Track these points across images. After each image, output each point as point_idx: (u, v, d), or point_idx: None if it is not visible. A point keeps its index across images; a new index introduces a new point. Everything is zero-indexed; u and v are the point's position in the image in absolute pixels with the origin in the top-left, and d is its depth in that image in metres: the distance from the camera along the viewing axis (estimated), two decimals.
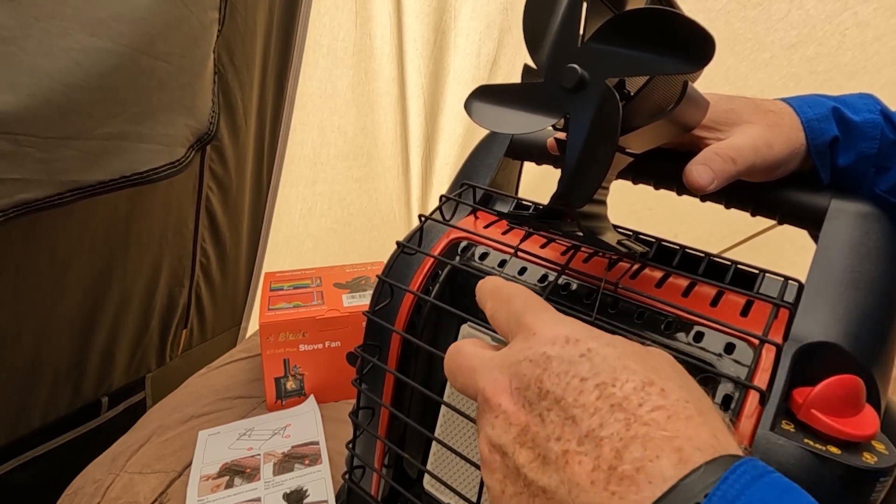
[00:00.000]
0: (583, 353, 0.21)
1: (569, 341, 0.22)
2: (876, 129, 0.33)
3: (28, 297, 0.66)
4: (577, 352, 0.21)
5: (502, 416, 0.22)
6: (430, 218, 0.40)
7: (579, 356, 0.21)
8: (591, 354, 0.21)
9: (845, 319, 0.27)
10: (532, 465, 0.20)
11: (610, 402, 0.19)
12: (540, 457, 0.20)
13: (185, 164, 0.74)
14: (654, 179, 0.38)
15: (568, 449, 0.19)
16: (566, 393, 0.20)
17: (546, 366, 0.21)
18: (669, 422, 0.18)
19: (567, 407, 0.20)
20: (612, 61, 0.26)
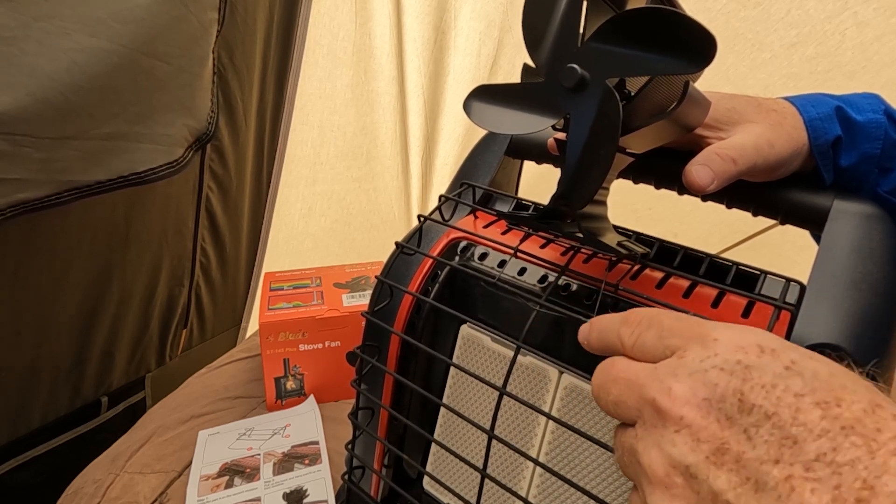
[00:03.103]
0: (787, 365, 0.19)
1: (764, 351, 0.19)
2: (879, 129, 0.33)
3: (28, 296, 0.66)
4: (779, 364, 0.19)
5: (686, 430, 0.19)
6: (429, 218, 0.40)
7: (784, 368, 0.18)
8: (797, 367, 0.18)
9: (847, 321, 0.27)
10: (738, 492, 0.17)
11: (839, 423, 0.17)
12: (750, 481, 0.17)
13: (184, 165, 0.74)
14: (655, 179, 0.38)
15: (792, 474, 0.17)
16: (780, 408, 0.18)
17: (745, 375, 0.19)
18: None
19: (783, 425, 0.17)
20: (612, 61, 0.26)
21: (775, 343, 0.20)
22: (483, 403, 0.37)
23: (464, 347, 0.38)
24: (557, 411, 0.33)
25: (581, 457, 0.33)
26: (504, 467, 0.37)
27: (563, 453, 0.33)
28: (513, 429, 0.36)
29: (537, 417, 0.35)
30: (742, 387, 0.19)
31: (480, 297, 0.38)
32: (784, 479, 0.17)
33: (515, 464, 0.36)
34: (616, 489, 0.31)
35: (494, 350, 0.36)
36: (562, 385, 0.33)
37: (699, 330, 0.21)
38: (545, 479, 0.35)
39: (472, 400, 0.38)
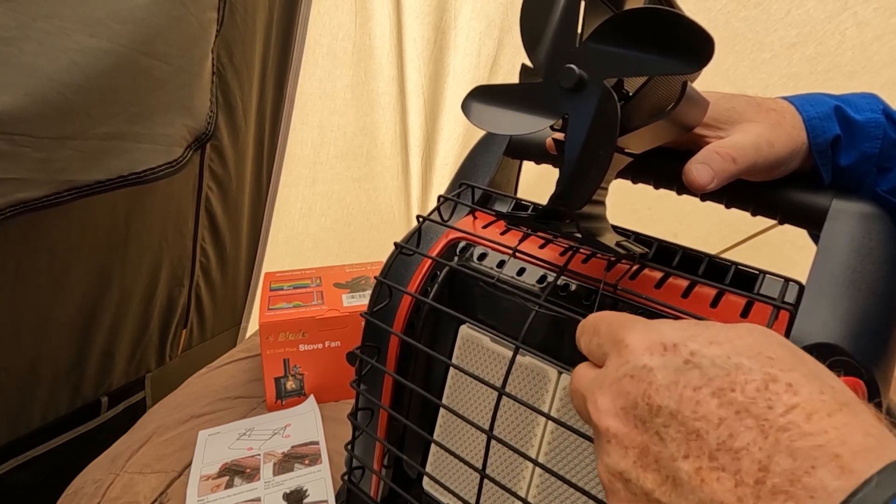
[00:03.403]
0: (686, 358, 0.20)
1: (667, 348, 0.20)
2: (878, 128, 0.33)
3: (27, 296, 0.66)
4: (679, 359, 0.20)
5: (614, 440, 0.20)
6: (428, 218, 0.40)
7: (683, 363, 0.19)
8: (695, 359, 0.19)
9: (846, 320, 0.27)
10: (663, 490, 0.18)
11: (734, 408, 0.18)
12: (669, 479, 0.18)
13: (183, 164, 0.74)
14: (654, 179, 0.38)
15: (701, 466, 0.18)
16: (681, 405, 0.19)
17: (650, 379, 0.20)
18: (811, 422, 0.17)
19: (686, 421, 0.18)
20: (610, 61, 0.26)
21: (678, 336, 0.21)
22: (482, 404, 0.37)
23: (463, 348, 0.38)
24: (557, 411, 0.33)
25: (580, 457, 0.33)
26: (503, 467, 0.37)
27: (562, 453, 0.33)
28: (512, 429, 0.36)
29: (537, 418, 0.35)
30: (648, 390, 0.20)
31: (479, 298, 0.38)
32: (694, 472, 0.18)
33: (515, 464, 0.36)
34: None
35: (494, 350, 0.36)
36: (561, 385, 0.33)
37: (617, 336, 0.22)
38: (544, 479, 0.35)
39: (472, 400, 0.38)
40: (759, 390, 0.18)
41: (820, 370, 0.19)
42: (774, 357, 0.19)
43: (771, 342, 0.20)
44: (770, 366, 0.18)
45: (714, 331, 0.20)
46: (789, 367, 0.18)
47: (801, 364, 0.19)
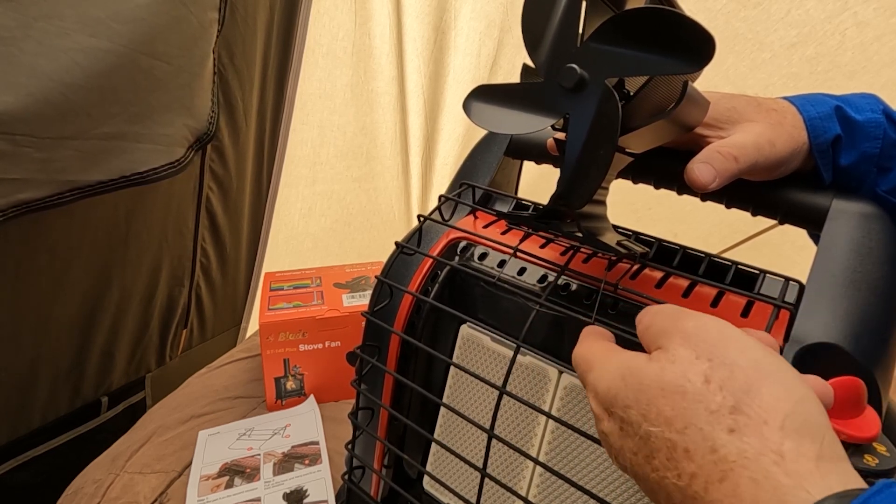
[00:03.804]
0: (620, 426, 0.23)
1: (608, 413, 0.23)
2: (878, 128, 0.33)
3: (28, 296, 0.66)
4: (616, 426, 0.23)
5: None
6: (428, 218, 0.40)
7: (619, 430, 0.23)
8: (625, 427, 0.22)
9: (846, 320, 0.27)
10: None
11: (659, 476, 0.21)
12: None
13: (185, 164, 0.74)
14: (655, 179, 0.38)
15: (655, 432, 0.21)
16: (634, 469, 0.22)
17: (609, 442, 0.23)
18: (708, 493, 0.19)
19: (641, 480, 0.22)
20: (611, 61, 0.26)
21: (609, 399, 0.23)
22: (483, 403, 0.37)
23: (464, 347, 0.38)
24: (557, 411, 0.33)
25: (581, 456, 0.33)
26: (504, 467, 0.37)
27: (562, 453, 0.33)
28: (513, 428, 0.36)
29: (537, 417, 0.35)
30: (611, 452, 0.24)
31: (480, 297, 0.38)
32: None
33: (515, 463, 0.36)
34: (616, 488, 0.31)
35: (494, 350, 0.36)
36: (561, 384, 0.33)
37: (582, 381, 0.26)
38: (545, 478, 0.35)
39: (472, 399, 0.38)
40: (669, 458, 0.20)
41: (715, 419, 0.20)
42: (671, 414, 0.21)
43: (674, 388, 0.21)
44: (668, 430, 0.20)
45: (629, 387, 0.22)
46: (683, 425, 0.20)
47: (695, 417, 0.20)
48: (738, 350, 0.21)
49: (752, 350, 0.21)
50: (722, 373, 0.20)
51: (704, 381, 0.20)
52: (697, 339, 0.22)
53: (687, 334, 0.22)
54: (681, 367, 0.21)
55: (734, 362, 0.21)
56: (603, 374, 0.24)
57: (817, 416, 0.19)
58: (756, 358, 0.21)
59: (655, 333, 0.24)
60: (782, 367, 0.21)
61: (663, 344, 0.23)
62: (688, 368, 0.21)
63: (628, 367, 0.23)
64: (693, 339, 0.22)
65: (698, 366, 0.21)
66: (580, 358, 0.26)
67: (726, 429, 0.19)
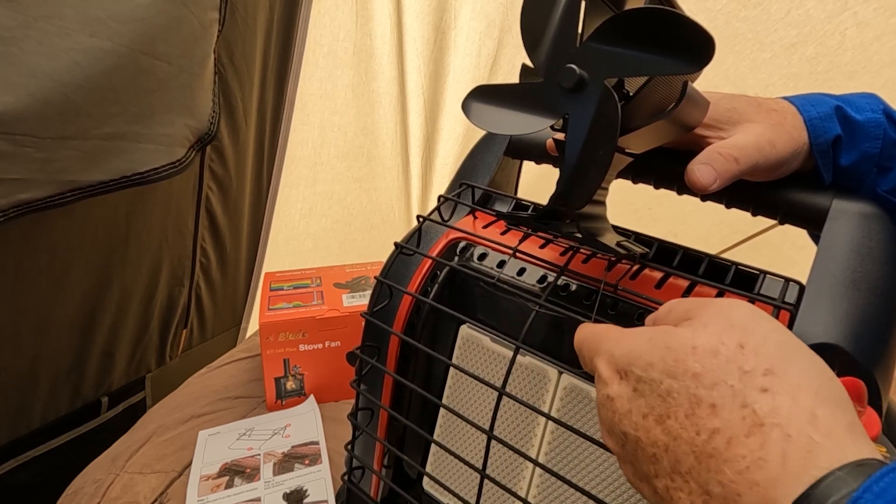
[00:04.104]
0: (634, 386, 0.22)
1: (621, 375, 0.23)
2: (879, 128, 0.33)
3: (28, 296, 0.66)
4: (629, 387, 0.22)
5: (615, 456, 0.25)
6: (428, 218, 0.40)
7: (633, 391, 0.22)
8: (640, 386, 0.22)
9: (846, 321, 0.27)
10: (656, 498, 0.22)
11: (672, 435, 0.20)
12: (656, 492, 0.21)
13: (185, 165, 0.74)
14: (655, 179, 0.38)
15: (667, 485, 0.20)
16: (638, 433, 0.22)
17: (613, 408, 0.23)
18: (730, 448, 0.18)
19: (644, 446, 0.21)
20: (611, 61, 0.26)
21: (625, 360, 0.23)
22: (483, 404, 0.37)
23: (463, 348, 0.38)
24: (557, 412, 0.33)
25: (580, 457, 0.33)
26: (504, 468, 0.37)
27: (562, 453, 0.33)
28: (512, 429, 0.36)
29: (537, 418, 0.35)
30: (614, 419, 0.23)
31: (480, 298, 0.38)
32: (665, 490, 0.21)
33: (515, 464, 0.36)
34: (616, 489, 0.31)
35: (494, 350, 0.36)
36: (561, 385, 0.33)
37: (592, 363, 0.25)
38: (545, 479, 0.35)
39: (472, 400, 0.38)
40: (688, 416, 0.20)
41: (748, 378, 0.20)
42: (701, 371, 0.20)
43: (706, 349, 0.21)
44: (695, 385, 0.20)
45: (655, 347, 0.22)
46: (712, 381, 0.20)
47: (727, 374, 0.20)
48: (771, 328, 0.21)
49: (783, 330, 0.21)
50: (756, 340, 0.20)
51: (738, 345, 0.20)
52: (730, 312, 0.22)
53: (719, 307, 0.22)
54: (715, 331, 0.21)
55: (767, 335, 0.21)
56: (624, 338, 0.23)
57: (846, 396, 0.20)
58: (788, 337, 0.21)
59: (684, 311, 0.23)
60: (811, 351, 0.21)
61: (695, 315, 0.23)
62: (722, 332, 0.21)
63: (655, 330, 0.23)
64: (726, 311, 0.22)
65: (732, 332, 0.21)
66: (589, 332, 0.26)
67: (759, 387, 0.19)
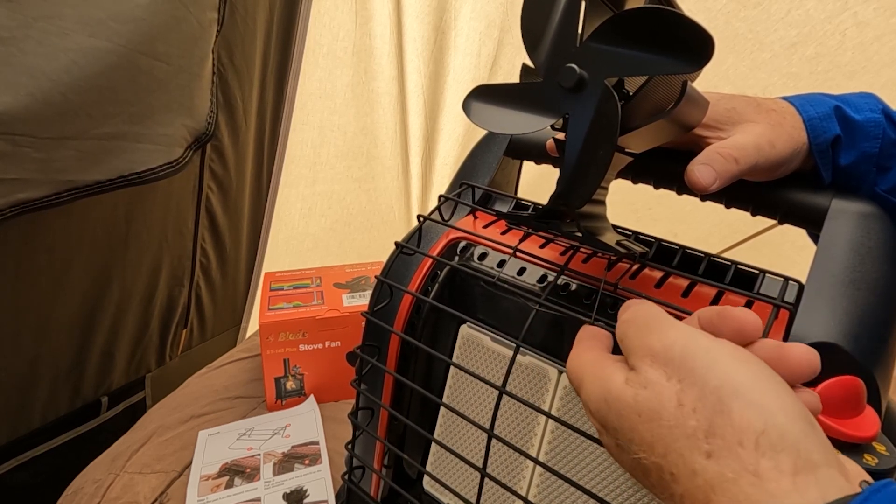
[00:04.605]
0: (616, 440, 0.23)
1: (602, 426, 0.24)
2: (878, 128, 0.33)
3: (27, 296, 0.66)
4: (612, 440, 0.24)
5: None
6: (428, 218, 0.40)
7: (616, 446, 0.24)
8: (617, 438, 0.23)
9: (846, 320, 0.27)
10: None
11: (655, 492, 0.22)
12: None
13: (184, 165, 0.74)
14: (654, 179, 0.38)
15: None
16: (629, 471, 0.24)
17: (604, 441, 0.25)
18: None
19: None
20: (611, 61, 0.26)
21: (599, 419, 0.24)
22: (483, 403, 0.37)
23: (463, 347, 0.38)
24: (557, 410, 0.33)
25: (581, 456, 0.33)
26: (504, 467, 0.37)
27: (562, 452, 0.33)
28: (513, 428, 0.36)
29: (537, 417, 0.35)
30: (612, 453, 0.24)
31: (480, 297, 0.38)
32: None
33: (515, 463, 0.36)
34: (616, 488, 0.31)
35: (494, 350, 0.36)
36: (561, 384, 0.33)
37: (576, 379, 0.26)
38: (545, 478, 0.35)
39: (472, 399, 0.38)
40: (659, 480, 0.21)
41: (692, 443, 0.20)
42: (652, 440, 0.21)
43: (650, 415, 0.21)
44: (652, 454, 0.21)
45: (611, 411, 0.23)
46: (663, 450, 0.21)
47: (674, 441, 0.21)
48: (706, 367, 0.21)
49: (720, 365, 0.21)
50: (692, 394, 0.21)
51: (677, 404, 0.21)
52: (665, 359, 0.22)
53: (654, 354, 0.23)
54: (653, 392, 0.22)
55: (704, 382, 0.21)
56: (590, 394, 0.24)
57: (792, 427, 0.19)
58: (725, 374, 0.21)
59: (627, 349, 0.24)
60: (754, 378, 0.21)
61: (635, 364, 0.23)
62: (660, 392, 0.21)
63: (608, 391, 0.23)
64: (661, 358, 0.22)
65: (669, 389, 0.21)
66: (571, 373, 0.27)
67: (704, 453, 0.20)
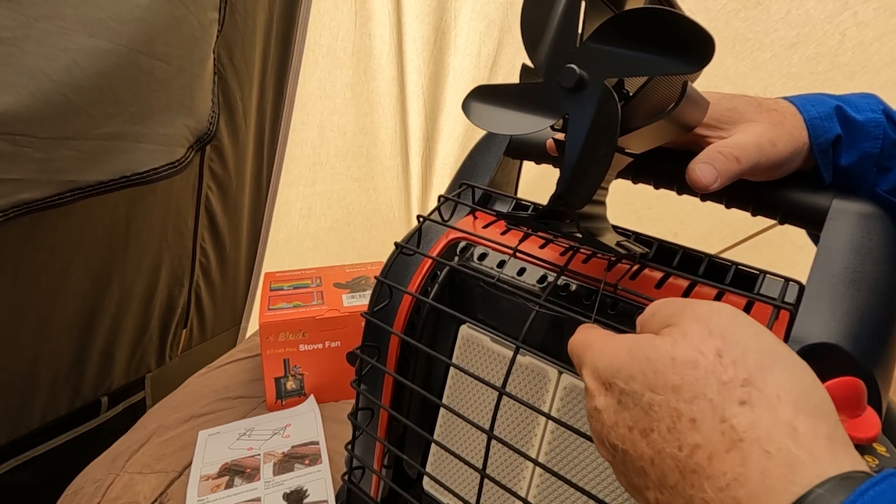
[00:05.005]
0: (618, 398, 0.22)
1: (605, 387, 0.23)
2: (878, 128, 0.33)
3: (28, 296, 0.66)
4: (614, 399, 0.22)
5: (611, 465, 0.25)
6: (428, 218, 0.40)
7: (617, 403, 0.22)
8: (624, 398, 0.22)
9: (846, 320, 0.27)
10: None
11: (657, 448, 0.20)
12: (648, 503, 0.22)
13: (185, 165, 0.74)
14: (654, 179, 0.38)
15: (657, 497, 0.20)
16: (625, 444, 0.22)
17: (601, 419, 0.23)
18: (712, 464, 0.18)
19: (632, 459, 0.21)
20: (611, 61, 0.26)
21: (609, 372, 0.23)
22: (483, 403, 0.37)
23: (463, 348, 0.38)
24: (557, 411, 0.33)
25: (581, 457, 0.33)
26: (504, 467, 0.37)
27: (562, 453, 0.33)
28: (512, 429, 0.36)
29: (537, 417, 0.35)
30: (602, 430, 0.23)
31: (480, 298, 0.38)
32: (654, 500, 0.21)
33: (515, 464, 0.36)
34: (616, 488, 0.31)
35: (494, 350, 0.36)
36: (561, 385, 0.33)
37: (580, 372, 0.25)
38: (545, 479, 0.35)
39: (472, 400, 0.38)
40: (670, 430, 0.20)
41: (727, 390, 0.19)
42: (680, 383, 0.20)
43: (684, 360, 0.21)
44: (675, 399, 0.20)
45: (634, 359, 0.22)
46: (691, 394, 0.20)
47: (706, 387, 0.20)
48: (751, 334, 0.21)
49: (764, 336, 0.21)
50: (735, 350, 0.20)
51: (717, 354, 0.20)
52: (710, 319, 0.22)
53: (698, 314, 0.22)
54: (693, 341, 0.21)
55: (747, 344, 0.21)
56: (606, 349, 0.24)
57: (828, 403, 0.19)
58: (768, 342, 0.21)
59: (665, 316, 0.23)
60: (793, 356, 0.21)
61: (674, 322, 0.23)
62: (700, 342, 0.21)
63: (635, 341, 0.23)
64: (705, 318, 0.22)
65: (711, 342, 0.21)
66: (577, 342, 0.26)
67: (737, 400, 0.19)
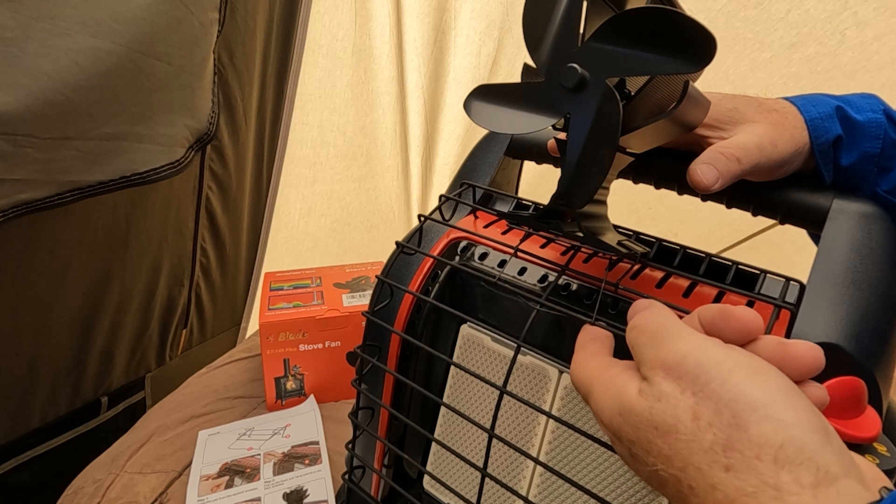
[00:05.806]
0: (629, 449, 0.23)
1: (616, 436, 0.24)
2: (879, 128, 0.33)
3: (28, 296, 0.66)
4: (625, 449, 0.24)
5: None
6: (429, 218, 0.40)
7: (630, 455, 0.24)
8: (634, 449, 0.23)
9: (847, 320, 0.27)
10: None
11: None
12: None
13: (185, 165, 0.74)
14: (655, 179, 0.38)
15: None
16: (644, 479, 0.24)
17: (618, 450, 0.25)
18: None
19: None
20: (612, 61, 0.26)
21: (613, 430, 0.24)
22: (483, 403, 0.37)
23: (464, 347, 0.38)
24: (558, 410, 0.33)
25: (581, 456, 0.33)
26: (504, 466, 0.37)
27: (563, 452, 0.33)
28: (513, 428, 0.36)
29: (537, 417, 0.35)
30: (626, 462, 0.24)
31: (481, 297, 0.38)
32: None
33: (516, 463, 0.36)
34: (616, 488, 0.31)
35: (494, 350, 0.36)
36: (562, 384, 0.33)
37: (584, 387, 0.26)
38: (545, 478, 0.35)
39: (473, 399, 0.38)
40: (678, 492, 0.21)
41: (711, 457, 0.20)
42: (670, 453, 0.21)
43: (665, 429, 0.21)
44: (670, 466, 0.21)
45: (626, 424, 0.23)
46: (681, 464, 0.21)
47: (691, 454, 0.21)
48: (720, 382, 0.21)
49: (734, 378, 0.21)
50: (708, 408, 0.21)
51: (693, 418, 0.21)
52: (678, 372, 0.22)
53: (667, 366, 0.22)
54: (668, 405, 0.22)
55: (718, 397, 0.21)
56: (602, 405, 0.24)
57: (810, 440, 0.19)
58: (739, 388, 0.21)
59: (639, 358, 0.24)
60: (769, 391, 0.21)
61: (647, 375, 0.23)
62: (675, 406, 0.21)
63: (622, 403, 0.23)
64: (674, 371, 0.22)
65: (684, 402, 0.21)
66: (578, 382, 0.27)
67: (722, 467, 0.20)
